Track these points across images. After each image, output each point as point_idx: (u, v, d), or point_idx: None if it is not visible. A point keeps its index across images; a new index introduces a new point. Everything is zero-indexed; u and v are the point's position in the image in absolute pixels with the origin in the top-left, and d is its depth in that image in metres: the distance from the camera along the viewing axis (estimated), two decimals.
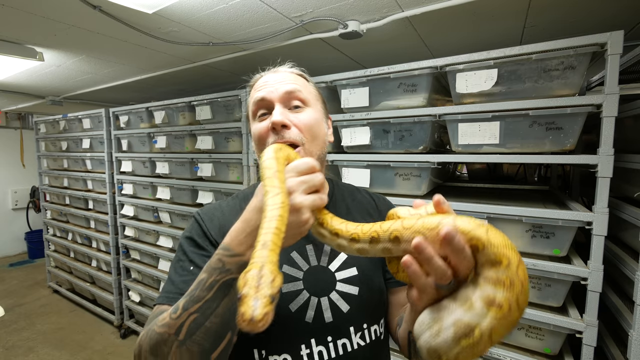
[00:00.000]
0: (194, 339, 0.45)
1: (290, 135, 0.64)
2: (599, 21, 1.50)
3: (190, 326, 0.45)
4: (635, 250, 1.20)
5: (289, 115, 0.66)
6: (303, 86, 0.71)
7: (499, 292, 0.36)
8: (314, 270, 0.69)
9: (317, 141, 0.68)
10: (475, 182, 2.16)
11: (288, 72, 0.73)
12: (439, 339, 0.39)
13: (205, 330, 0.45)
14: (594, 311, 1.12)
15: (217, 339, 0.46)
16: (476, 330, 0.36)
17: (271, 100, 0.67)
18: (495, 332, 0.36)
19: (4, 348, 2.75)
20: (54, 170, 3.69)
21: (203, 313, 0.45)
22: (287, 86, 0.67)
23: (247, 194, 0.77)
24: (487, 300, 0.36)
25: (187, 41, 1.76)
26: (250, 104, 0.72)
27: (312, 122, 0.68)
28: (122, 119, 2.79)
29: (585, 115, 1.15)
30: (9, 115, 4.93)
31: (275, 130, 0.64)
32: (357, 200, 0.81)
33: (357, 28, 1.51)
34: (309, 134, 0.67)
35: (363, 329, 0.68)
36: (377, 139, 1.57)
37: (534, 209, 1.23)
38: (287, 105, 0.68)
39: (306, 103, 0.69)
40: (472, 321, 0.36)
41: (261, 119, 0.68)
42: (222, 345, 0.46)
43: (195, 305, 0.46)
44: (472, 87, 1.31)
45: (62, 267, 3.74)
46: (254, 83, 0.74)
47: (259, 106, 0.68)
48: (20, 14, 1.46)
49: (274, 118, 0.64)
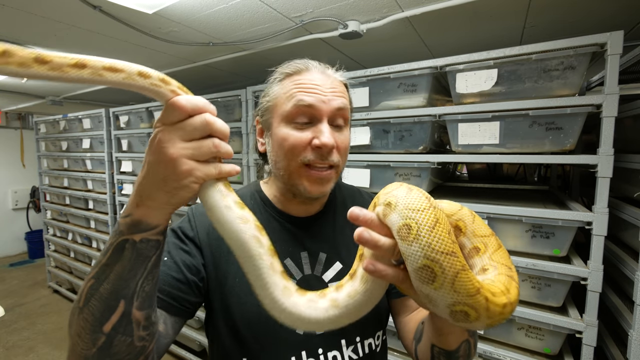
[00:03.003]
0: (89, 307, 0.41)
1: (332, 159, 0.61)
2: (598, 21, 1.50)
3: (87, 293, 0.41)
4: (635, 250, 1.20)
5: (335, 136, 0.61)
6: (348, 100, 0.66)
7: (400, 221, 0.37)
8: (307, 280, 0.66)
9: (345, 161, 0.66)
10: (475, 182, 2.16)
11: (338, 80, 0.65)
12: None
13: (98, 297, 0.41)
14: (594, 311, 1.12)
15: (108, 308, 0.41)
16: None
17: (320, 112, 0.60)
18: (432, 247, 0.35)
19: (4, 348, 2.75)
20: (54, 170, 3.69)
21: (98, 278, 0.41)
22: (339, 101, 0.61)
23: (245, 192, 0.74)
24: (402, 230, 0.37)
25: (187, 41, 1.76)
26: (284, 101, 0.62)
27: (348, 145, 0.65)
28: (122, 119, 2.79)
29: (585, 115, 1.15)
30: (9, 115, 4.93)
31: (321, 150, 0.58)
32: (358, 204, 0.75)
33: (357, 28, 1.51)
34: (344, 155, 0.64)
35: (355, 342, 0.66)
36: (377, 139, 1.57)
37: (534, 209, 1.23)
38: (332, 122, 0.62)
39: (347, 122, 0.65)
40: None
41: (300, 127, 0.60)
42: (115, 317, 0.41)
43: (94, 270, 0.42)
44: (472, 87, 1.31)
45: (62, 267, 3.74)
46: (292, 73, 0.64)
47: (301, 112, 0.60)
48: (20, 14, 1.46)
49: (325, 139, 0.58)
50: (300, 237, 0.68)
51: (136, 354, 0.44)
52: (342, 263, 0.69)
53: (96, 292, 0.41)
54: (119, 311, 0.41)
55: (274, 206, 0.70)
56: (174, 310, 0.58)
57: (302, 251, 0.68)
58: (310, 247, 0.68)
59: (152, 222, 0.42)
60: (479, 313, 0.36)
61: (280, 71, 0.65)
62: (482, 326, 0.38)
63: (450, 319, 0.36)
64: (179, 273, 0.60)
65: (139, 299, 0.43)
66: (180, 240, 0.64)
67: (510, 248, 1.30)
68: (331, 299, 0.43)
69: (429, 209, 0.37)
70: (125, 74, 0.38)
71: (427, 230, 0.35)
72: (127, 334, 0.42)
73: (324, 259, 0.68)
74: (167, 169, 0.39)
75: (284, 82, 0.64)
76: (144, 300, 0.43)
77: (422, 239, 0.35)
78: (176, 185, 0.40)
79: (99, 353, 0.42)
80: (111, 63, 0.37)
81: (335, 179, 0.64)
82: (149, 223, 0.42)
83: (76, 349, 0.42)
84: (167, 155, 0.39)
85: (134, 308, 0.42)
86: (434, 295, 0.36)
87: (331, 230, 0.72)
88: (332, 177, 0.63)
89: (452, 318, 0.36)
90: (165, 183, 0.40)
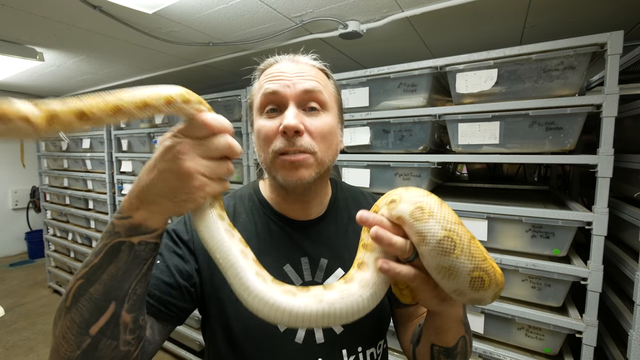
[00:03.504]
0: (78, 307, 0.40)
1: (302, 143, 0.56)
2: (598, 21, 1.50)
3: (75, 293, 0.40)
4: (635, 250, 1.20)
5: (304, 119, 0.57)
6: (324, 85, 0.62)
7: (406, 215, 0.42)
8: (307, 287, 0.65)
9: (329, 150, 0.61)
10: (475, 182, 2.16)
11: (309, 64, 0.63)
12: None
13: (88, 298, 0.40)
14: (594, 311, 1.12)
15: (97, 310, 0.40)
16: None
17: (285, 96, 0.58)
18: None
19: (4, 348, 2.75)
20: (54, 170, 3.69)
21: (88, 279, 0.40)
22: (306, 83, 0.58)
23: (243, 193, 0.72)
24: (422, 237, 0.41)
25: (187, 41, 1.76)
26: (256, 94, 0.62)
27: (327, 130, 0.60)
28: None
29: (585, 116, 1.15)
30: None
31: (286, 135, 0.56)
32: (361, 206, 0.74)
33: (357, 28, 1.51)
34: (322, 142, 0.59)
35: (357, 352, 0.63)
36: (377, 139, 1.57)
37: (534, 209, 1.23)
38: (302, 106, 0.59)
39: (324, 106, 0.60)
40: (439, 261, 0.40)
41: (270, 116, 0.59)
42: (104, 319, 0.40)
43: (83, 270, 0.41)
44: (472, 87, 1.31)
45: (62, 267, 3.74)
46: (264, 68, 0.63)
47: (268, 100, 0.59)
48: (20, 14, 1.46)
49: (286, 121, 0.55)
50: (301, 242, 0.66)
51: (120, 358, 0.43)
52: (344, 269, 0.66)
53: (86, 292, 0.40)
54: (108, 313, 0.40)
55: (272, 208, 0.68)
56: (162, 315, 0.56)
57: (302, 257, 0.65)
58: (310, 252, 0.65)
59: (151, 225, 0.42)
60: (490, 278, 0.40)
61: (257, 69, 0.66)
62: (491, 295, 0.41)
63: (469, 288, 0.39)
64: (170, 277, 0.58)
65: (129, 301, 0.42)
66: (174, 243, 0.62)
67: (510, 248, 1.30)
68: (315, 294, 0.42)
69: (430, 194, 0.42)
70: (153, 109, 0.38)
71: (437, 208, 0.40)
72: (113, 338, 0.42)
73: (325, 265, 0.66)
74: (179, 181, 0.39)
75: (259, 78, 0.64)
76: (135, 303, 0.43)
77: (436, 214, 0.39)
78: (185, 197, 0.40)
79: (82, 356, 0.41)
80: (142, 98, 0.37)
81: (316, 167, 0.59)
82: (148, 226, 0.42)
83: (60, 350, 0.41)
84: (183, 168, 0.39)
85: (123, 310, 0.42)
86: (456, 265, 0.38)
87: (333, 235, 0.69)
88: (309, 162, 0.57)
89: (471, 286, 0.39)
90: (174, 194, 0.40)
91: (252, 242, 0.63)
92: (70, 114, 0.32)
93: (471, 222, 1.34)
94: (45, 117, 0.31)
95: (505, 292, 1.33)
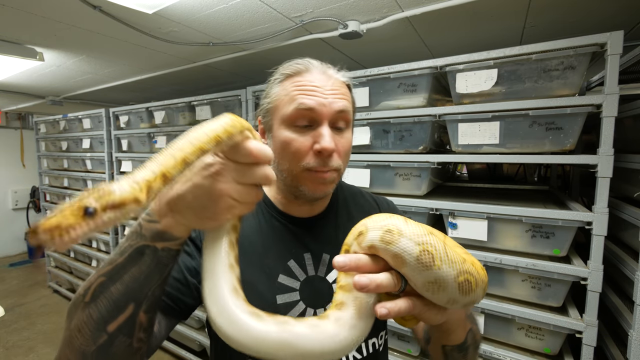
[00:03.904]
0: (97, 304, 0.41)
1: (333, 164, 0.60)
2: (598, 21, 1.50)
3: (95, 289, 0.42)
4: (635, 250, 1.20)
5: (335, 139, 0.60)
6: (350, 102, 0.65)
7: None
8: (311, 281, 0.66)
9: (347, 163, 0.66)
10: (475, 182, 2.16)
11: (340, 81, 0.64)
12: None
13: (108, 297, 0.41)
14: (594, 311, 1.12)
15: (116, 309, 0.41)
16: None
17: (321, 115, 0.59)
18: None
19: (4, 348, 2.75)
20: (54, 170, 3.69)
21: (110, 278, 0.42)
22: (340, 103, 0.60)
23: None
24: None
25: (187, 41, 1.76)
26: (286, 103, 0.61)
27: (349, 147, 0.65)
28: (122, 119, 2.79)
29: (585, 115, 1.15)
30: (9, 115, 4.93)
31: (322, 155, 0.58)
32: (359, 205, 0.78)
33: (357, 28, 1.51)
34: (345, 158, 0.64)
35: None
36: (377, 139, 1.57)
37: (534, 209, 1.23)
38: (333, 124, 0.61)
39: (349, 124, 0.64)
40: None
41: (301, 131, 0.60)
42: (122, 318, 0.41)
43: (106, 268, 0.42)
44: (472, 87, 1.31)
45: (62, 267, 3.74)
46: (292, 74, 0.62)
47: (302, 115, 0.59)
48: (20, 14, 1.46)
49: (326, 144, 0.57)
50: (303, 238, 0.68)
51: (132, 354, 0.44)
52: None
53: (106, 290, 0.41)
54: (127, 313, 0.41)
55: (275, 208, 0.70)
56: (170, 310, 0.58)
57: (305, 252, 0.67)
58: (313, 248, 0.68)
59: (176, 234, 0.43)
60: (475, 278, 0.39)
61: (280, 72, 0.65)
62: (481, 293, 0.41)
63: (459, 294, 0.38)
64: (180, 274, 0.59)
65: (147, 303, 0.43)
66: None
67: (510, 248, 1.30)
68: (283, 321, 0.39)
69: (392, 216, 0.42)
70: (209, 150, 0.39)
71: (404, 225, 0.40)
72: (128, 335, 0.43)
73: (328, 260, 0.68)
74: (209, 200, 0.41)
75: (284, 84, 0.63)
76: (152, 304, 0.44)
77: (405, 232, 0.39)
78: (211, 215, 0.41)
79: (98, 351, 0.41)
80: (199, 146, 0.38)
81: (337, 180, 0.65)
82: (173, 234, 0.43)
83: (74, 343, 0.42)
84: (216, 188, 0.40)
85: (141, 311, 0.43)
86: (441, 275, 0.38)
87: (333, 231, 0.72)
88: (334, 178, 0.62)
89: (461, 291, 0.38)
90: (202, 210, 0.41)
91: (256, 239, 0.66)
92: (158, 180, 0.34)
93: (471, 222, 1.34)
94: (145, 191, 0.33)
95: (505, 292, 1.33)
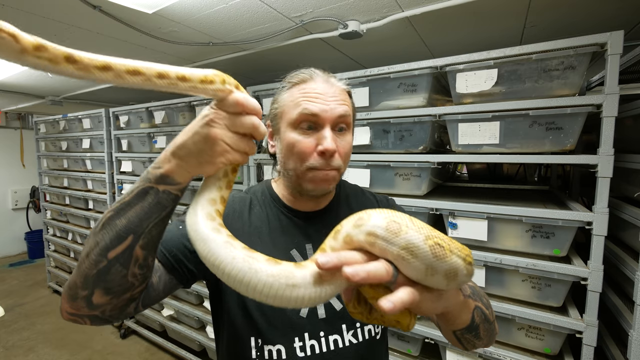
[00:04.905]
0: (103, 233, 0.48)
1: (335, 163, 0.66)
2: (598, 21, 1.50)
3: (104, 221, 0.49)
4: (635, 250, 1.20)
5: (336, 140, 0.67)
6: (350, 107, 0.71)
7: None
8: None
9: (347, 163, 0.72)
10: (475, 182, 2.16)
11: (340, 88, 0.71)
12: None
13: (113, 227, 0.48)
14: (594, 311, 1.12)
15: (117, 238, 0.48)
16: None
17: (324, 119, 0.66)
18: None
19: (4, 348, 2.75)
20: (54, 170, 3.69)
21: (117, 212, 0.48)
22: (341, 108, 0.67)
23: (257, 189, 0.80)
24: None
25: (187, 41, 1.76)
26: (291, 108, 0.68)
27: (349, 148, 0.71)
28: (122, 119, 2.79)
29: (585, 115, 1.15)
30: (9, 115, 4.93)
31: (324, 155, 0.65)
32: (360, 202, 0.83)
33: (357, 28, 1.51)
34: (346, 158, 0.70)
35: (355, 327, 0.71)
36: (377, 139, 1.57)
37: (534, 209, 1.23)
38: (334, 127, 0.67)
39: (349, 126, 0.70)
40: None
41: (306, 133, 0.67)
42: (121, 247, 0.48)
43: (116, 204, 0.50)
44: (472, 87, 1.31)
45: (62, 267, 3.74)
46: (297, 82, 0.70)
47: (306, 119, 0.66)
48: (20, 14, 1.46)
49: (328, 145, 0.64)
50: (307, 230, 0.74)
51: (125, 288, 0.50)
52: None
53: (112, 222, 0.48)
54: (125, 243, 0.48)
55: (282, 202, 0.76)
56: (170, 267, 0.63)
57: (307, 243, 0.73)
58: (315, 239, 0.74)
59: (176, 178, 0.49)
60: (447, 243, 0.38)
61: (287, 80, 0.72)
62: (460, 262, 0.38)
63: (433, 257, 0.37)
64: (189, 241, 0.62)
65: (144, 239, 0.49)
66: None
67: (511, 248, 1.30)
68: (250, 255, 0.40)
69: (366, 211, 0.43)
70: (169, 80, 0.41)
71: (374, 212, 0.41)
72: (124, 266, 0.49)
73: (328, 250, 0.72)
74: (206, 144, 0.47)
75: (291, 91, 0.70)
76: (148, 242, 0.50)
77: (373, 215, 0.41)
78: (208, 159, 0.48)
79: (97, 275, 0.48)
80: (186, 73, 0.42)
81: (338, 179, 0.70)
82: (173, 179, 0.49)
83: (81, 267, 0.49)
84: (211, 133, 0.47)
85: (138, 245, 0.49)
86: (409, 239, 0.38)
87: (334, 225, 0.73)
88: (335, 176, 0.68)
89: (434, 256, 0.37)
90: (200, 154, 0.47)
91: (264, 230, 0.72)
92: (59, 53, 0.34)
93: (471, 222, 1.34)
94: (34, 43, 0.32)
95: (506, 292, 1.33)
